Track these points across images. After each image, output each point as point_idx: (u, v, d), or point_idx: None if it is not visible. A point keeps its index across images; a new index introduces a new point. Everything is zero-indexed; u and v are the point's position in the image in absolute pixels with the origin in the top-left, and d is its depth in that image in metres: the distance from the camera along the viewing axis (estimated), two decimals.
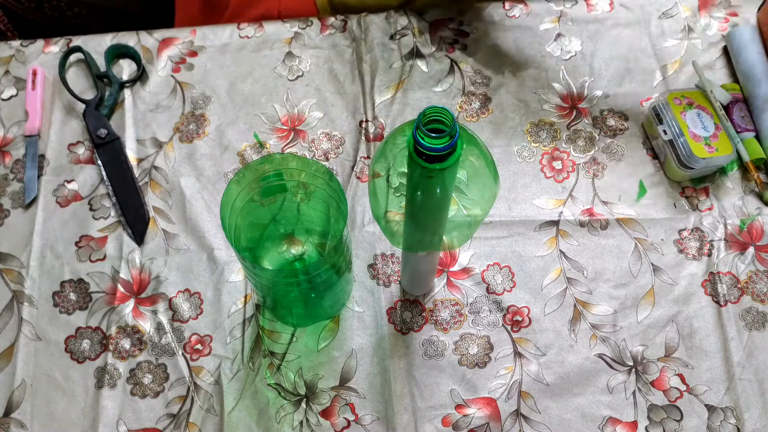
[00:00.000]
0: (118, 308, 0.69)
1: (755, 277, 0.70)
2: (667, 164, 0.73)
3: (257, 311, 0.68)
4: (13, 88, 0.80)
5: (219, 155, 0.76)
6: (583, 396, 0.65)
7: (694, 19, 0.84)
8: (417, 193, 0.46)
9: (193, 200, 0.74)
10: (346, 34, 0.83)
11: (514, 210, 0.73)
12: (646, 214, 0.73)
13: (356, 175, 0.75)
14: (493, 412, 0.64)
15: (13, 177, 0.75)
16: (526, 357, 0.66)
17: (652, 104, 0.75)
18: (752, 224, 0.72)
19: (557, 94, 0.79)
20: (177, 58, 0.82)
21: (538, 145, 0.76)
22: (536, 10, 0.84)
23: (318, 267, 0.55)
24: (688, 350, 0.67)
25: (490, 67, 0.81)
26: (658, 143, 0.74)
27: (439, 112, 0.41)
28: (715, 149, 0.70)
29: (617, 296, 0.69)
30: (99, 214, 0.73)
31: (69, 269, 0.71)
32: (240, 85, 0.80)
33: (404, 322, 0.68)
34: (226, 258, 0.71)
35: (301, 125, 0.78)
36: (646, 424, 0.64)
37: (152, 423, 0.64)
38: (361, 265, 0.71)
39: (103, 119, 0.77)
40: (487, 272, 0.70)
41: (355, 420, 0.64)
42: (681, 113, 0.72)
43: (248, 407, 0.65)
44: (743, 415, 0.64)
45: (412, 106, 0.79)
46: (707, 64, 0.81)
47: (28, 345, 0.68)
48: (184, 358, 0.67)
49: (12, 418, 0.65)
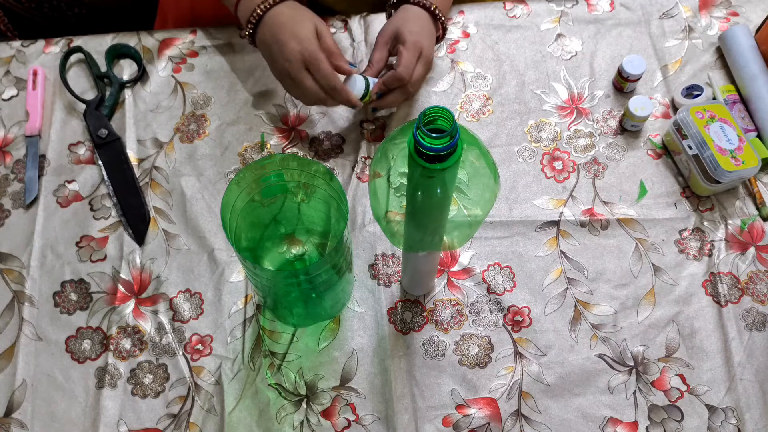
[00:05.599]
0: (118, 308, 0.69)
1: (756, 278, 0.70)
2: (692, 179, 0.72)
3: (258, 311, 0.68)
4: (13, 89, 0.80)
5: (219, 155, 0.76)
6: (583, 396, 0.65)
7: (694, 19, 0.84)
8: (417, 193, 0.46)
9: (193, 200, 0.74)
10: (347, 34, 0.83)
11: (515, 210, 0.73)
12: (647, 215, 0.72)
13: (357, 175, 0.75)
14: (493, 413, 0.64)
15: (13, 177, 0.75)
16: (526, 357, 0.66)
17: (674, 120, 0.73)
18: (753, 224, 0.72)
19: (558, 95, 0.79)
20: (177, 58, 0.82)
21: (538, 145, 0.76)
22: (537, 10, 0.84)
23: (318, 267, 0.55)
24: (688, 350, 0.67)
25: (490, 67, 0.81)
26: (681, 159, 0.73)
27: (439, 113, 0.41)
28: (742, 162, 0.69)
29: (618, 296, 0.69)
30: (100, 215, 0.73)
31: (70, 269, 0.71)
32: (240, 86, 0.80)
33: (405, 322, 0.68)
34: (227, 258, 0.71)
35: (302, 125, 0.78)
36: (647, 425, 0.64)
37: (153, 423, 0.65)
38: (361, 265, 0.71)
39: (104, 119, 0.77)
40: (487, 272, 0.70)
41: (355, 420, 0.64)
42: (705, 127, 0.70)
43: (249, 407, 0.65)
44: (744, 415, 0.64)
45: (413, 106, 0.79)
46: (707, 64, 0.81)
47: (28, 345, 0.68)
48: (185, 358, 0.67)
49: (13, 418, 0.65)
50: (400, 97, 0.73)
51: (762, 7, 0.84)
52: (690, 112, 0.71)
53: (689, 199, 0.73)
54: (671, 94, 0.79)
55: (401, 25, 0.72)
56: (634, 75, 0.76)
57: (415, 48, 0.71)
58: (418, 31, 0.72)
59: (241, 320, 0.68)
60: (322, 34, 0.70)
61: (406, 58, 0.70)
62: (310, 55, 0.67)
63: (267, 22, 0.70)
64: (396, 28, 0.72)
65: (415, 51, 0.71)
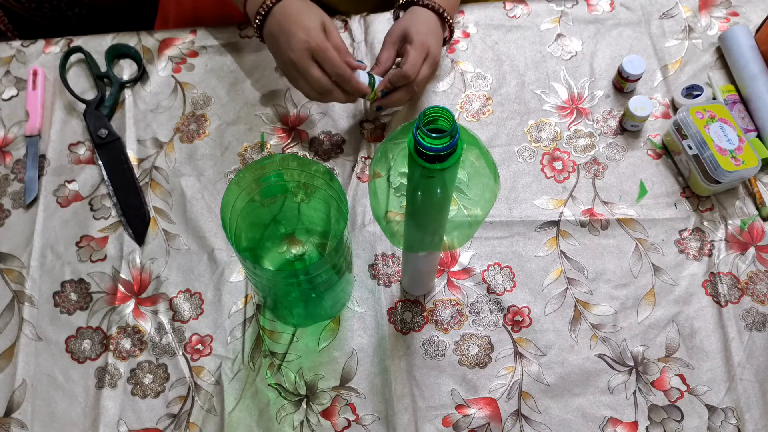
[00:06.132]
0: (118, 308, 0.69)
1: (756, 278, 0.70)
2: (692, 179, 0.72)
3: (258, 311, 0.68)
4: (13, 89, 0.80)
5: (219, 155, 0.76)
6: (583, 396, 0.65)
7: (694, 19, 0.84)
8: (417, 194, 0.46)
9: (193, 200, 0.74)
10: (347, 34, 0.83)
11: (515, 210, 0.73)
12: (647, 215, 0.72)
13: (357, 176, 0.75)
14: (493, 413, 0.64)
15: (13, 177, 0.75)
16: (526, 357, 0.66)
17: (674, 120, 0.73)
18: (753, 224, 0.72)
19: (558, 95, 0.79)
20: (177, 58, 0.82)
21: (538, 146, 0.76)
22: (537, 10, 0.84)
23: (318, 267, 0.55)
24: (688, 350, 0.67)
25: (490, 67, 0.81)
26: (681, 159, 0.73)
27: (439, 113, 0.41)
28: (742, 162, 0.69)
29: (618, 296, 0.69)
30: (100, 215, 0.73)
31: (70, 269, 0.71)
32: (240, 86, 0.80)
33: (405, 322, 0.68)
34: (227, 258, 0.71)
35: (302, 125, 0.78)
36: (647, 425, 0.64)
37: (153, 423, 0.65)
38: (361, 265, 0.71)
39: (104, 119, 0.77)
40: (487, 272, 0.70)
41: (355, 420, 0.64)
42: (705, 127, 0.70)
43: (249, 407, 0.65)
44: (744, 415, 0.64)
45: (413, 107, 0.79)
46: (707, 64, 0.81)
47: (28, 345, 0.68)
48: (185, 358, 0.67)
49: (13, 418, 0.65)
50: (404, 95, 0.73)
51: (762, 7, 0.84)
52: (690, 112, 0.71)
53: (689, 199, 0.73)
54: (671, 94, 0.79)
55: (409, 25, 0.72)
56: (634, 75, 0.76)
57: (422, 48, 0.71)
58: (425, 32, 0.72)
59: (241, 320, 0.68)
60: (329, 30, 0.70)
61: (413, 56, 0.70)
62: (317, 45, 0.67)
63: (275, 13, 0.70)
64: (404, 29, 0.72)
65: (423, 51, 0.71)
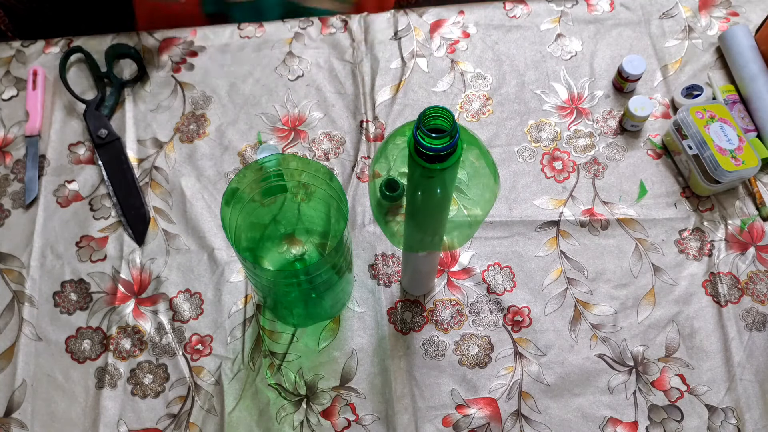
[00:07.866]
0: (118, 308, 0.69)
1: (755, 278, 0.70)
2: (692, 179, 0.72)
3: (258, 311, 0.68)
4: (13, 89, 0.80)
5: (219, 155, 0.76)
6: (583, 396, 0.65)
7: (694, 19, 0.84)
8: (417, 194, 0.46)
9: (193, 200, 0.74)
10: (347, 34, 0.83)
11: (515, 210, 0.73)
12: (647, 215, 0.72)
13: (357, 175, 0.75)
14: (493, 413, 0.64)
15: (13, 177, 0.75)
16: (526, 357, 0.66)
17: (674, 120, 0.73)
18: (753, 224, 0.72)
19: (558, 95, 0.79)
20: (177, 58, 0.82)
21: (538, 146, 0.76)
22: (537, 10, 0.84)
23: (318, 267, 0.55)
24: (688, 350, 0.67)
25: (490, 67, 0.81)
26: (681, 159, 0.73)
27: (439, 113, 0.41)
28: (742, 162, 0.69)
29: (618, 296, 0.69)
30: (99, 215, 0.73)
31: (69, 269, 0.71)
32: (240, 86, 0.80)
33: (405, 322, 0.68)
34: (227, 258, 0.71)
35: (302, 125, 0.78)
36: (647, 425, 0.64)
37: (153, 423, 0.65)
38: (361, 265, 0.71)
39: (104, 119, 0.77)
40: (487, 272, 0.70)
41: (355, 420, 0.64)
42: (705, 127, 0.70)
43: (249, 407, 0.65)
44: (744, 415, 0.64)
45: (412, 106, 0.79)
46: (707, 64, 0.81)
47: (28, 345, 0.68)
48: (185, 359, 0.67)
49: (13, 418, 0.65)
50: None
51: (762, 7, 0.84)
52: (690, 112, 0.71)
53: (689, 199, 0.73)
54: (671, 94, 0.79)
55: None
56: (634, 75, 0.76)
57: None
58: None
59: (241, 320, 0.68)
60: None
61: None
62: None
63: None
64: None
65: None
